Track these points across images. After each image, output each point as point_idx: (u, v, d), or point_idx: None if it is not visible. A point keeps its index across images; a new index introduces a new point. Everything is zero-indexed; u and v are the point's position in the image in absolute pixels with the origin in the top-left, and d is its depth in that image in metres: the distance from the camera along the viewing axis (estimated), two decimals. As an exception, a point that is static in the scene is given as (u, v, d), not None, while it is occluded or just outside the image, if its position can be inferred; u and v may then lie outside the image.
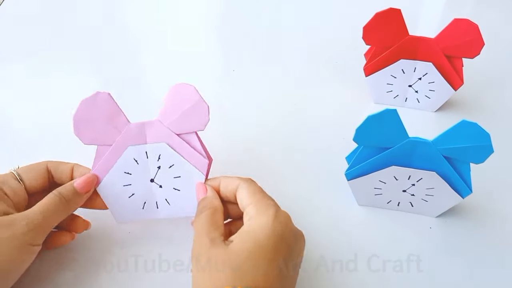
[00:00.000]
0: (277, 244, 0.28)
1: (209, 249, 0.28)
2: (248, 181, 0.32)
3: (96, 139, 0.33)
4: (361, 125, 0.33)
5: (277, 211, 0.29)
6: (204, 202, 0.32)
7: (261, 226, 0.28)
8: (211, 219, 0.30)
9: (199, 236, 0.30)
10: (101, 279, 0.34)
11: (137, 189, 0.35)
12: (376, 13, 0.43)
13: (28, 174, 0.33)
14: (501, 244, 0.37)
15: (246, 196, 0.31)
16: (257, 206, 0.30)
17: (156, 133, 0.34)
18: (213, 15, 0.70)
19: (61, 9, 0.68)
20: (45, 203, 0.31)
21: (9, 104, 0.51)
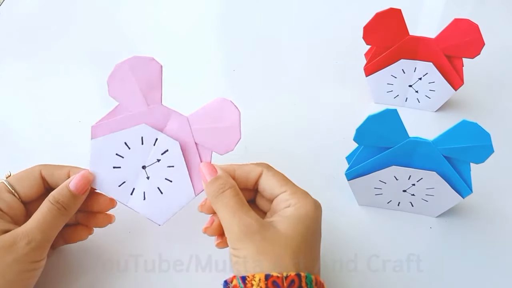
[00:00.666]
0: (318, 234, 0.30)
1: (260, 230, 0.27)
2: (271, 168, 0.32)
3: (122, 97, 0.32)
4: (361, 125, 0.33)
5: (315, 200, 0.30)
6: (220, 181, 0.30)
7: (308, 213, 0.29)
8: (239, 198, 0.30)
9: (237, 217, 0.28)
10: (101, 279, 0.34)
11: (125, 166, 0.33)
12: (377, 13, 0.43)
13: (21, 184, 0.32)
14: (501, 244, 0.37)
15: (277, 183, 0.31)
16: (297, 194, 0.30)
17: (178, 128, 0.32)
18: (213, 15, 0.70)
19: (61, 9, 0.68)
20: (43, 216, 0.30)
21: (9, 104, 0.51)
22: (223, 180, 0.30)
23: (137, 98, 0.32)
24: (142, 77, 0.32)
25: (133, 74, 0.31)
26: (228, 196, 0.29)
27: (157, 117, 0.32)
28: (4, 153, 0.45)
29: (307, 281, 0.26)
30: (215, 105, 0.32)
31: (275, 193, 0.31)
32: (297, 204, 0.29)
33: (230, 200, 0.29)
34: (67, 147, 0.45)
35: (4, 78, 0.55)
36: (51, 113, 0.50)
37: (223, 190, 0.30)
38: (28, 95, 0.52)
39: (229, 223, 0.28)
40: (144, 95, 0.32)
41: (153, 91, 0.32)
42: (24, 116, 0.50)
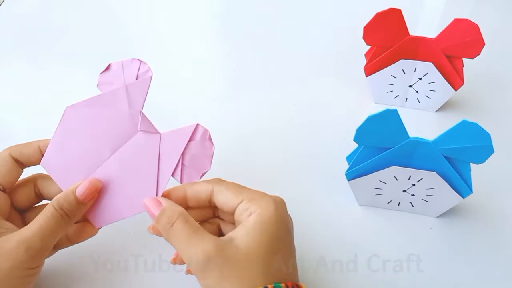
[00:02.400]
0: (286, 233, 0.28)
1: (218, 253, 0.26)
2: (221, 182, 0.31)
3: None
4: (361, 125, 0.33)
5: (274, 199, 0.29)
6: (167, 213, 0.29)
7: (270, 217, 0.27)
8: (190, 225, 0.28)
9: (192, 245, 0.27)
10: (101, 279, 0.34)
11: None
12: (377, 13, 0.43)
13: (3, 179, 0.31)
14: (502, 244, 0.37)
15: (231, 196, 0.29)
16: (254, 200, 0.28)
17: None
18: (213, 15, 0.70)
19: (61, 9, 0.68)
20: (45, 222, 0.29)
21: (9, 103, 0.51)
22: (169, 212, 0.29)
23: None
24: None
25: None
26: (178, 228, 0.28)
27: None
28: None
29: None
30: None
31: (232, 206, 0.29)
32: (257, 210, 0.28)
33: (181, 232, 0.28)
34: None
35: (3, 78, 0.55)
36: (50, 113, 0.50)
37: (171, 223, 0.28)
38: (28, 95, 0.52)
39: (187, 255, 0.27)
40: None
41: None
42: (23, 116, 0.50)
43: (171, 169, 0.32)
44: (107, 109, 0.32)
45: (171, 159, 0.32)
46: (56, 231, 0.29)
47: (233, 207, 0.29)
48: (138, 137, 0.32)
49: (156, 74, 0.56)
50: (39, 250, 0.28)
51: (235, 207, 0.29)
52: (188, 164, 0.32)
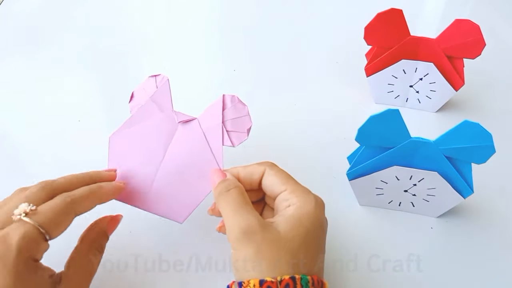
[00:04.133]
0: (320, 231, 0.29)
1: (260, 230, 0.27)
2: (273, 167, 0.32)
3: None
4: (363, 125, 0.33)
5: (315, 197, 0.30)
6: (226, 182, 0.31)
7: (308, 213, 0.28)
8: (243, 197, 0.30)
9: (240, 214, 0.28)
10: (101, 279, 0.34)
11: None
12: (378, 14, 0.43)
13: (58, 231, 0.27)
14: (502, 244, 0.37)
15: (277, 182, 0.31)
16: (296, 193, 0.30)
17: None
18: (214, 15, 0.70)
19: (61, 9, 0.68)
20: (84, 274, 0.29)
21: (8, 103, 0.51)
22: (230, 182, 0.31)
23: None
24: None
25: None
26: (232, 194, 0.30)
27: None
28: (3, 153, 0.45)
29: (302, 282, 0.26)
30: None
31: (276, 192, 0.31)
32: (297, 203, 0.29)
33: (234, 199, 0.29)
34: (67, 147, 0.45)
35: (3, 78, 0.55)
36: (50, 113, 0.50)
37: (228, 189, 0.30)
38: (28, 95, 0.52)
39: (231, 222, 0.28)
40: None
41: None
42: (23, 116, 0.50)
43: (219, 140, 0.34)
44: (144, 123, 0.35)
45: (216, 132, 0.34)
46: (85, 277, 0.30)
47: (276, 194, 0.31)
48: (180, 130, 0.35)
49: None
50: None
51: (277, 194, 0.30)
52: (232, 129, 0.34)
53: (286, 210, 0.29)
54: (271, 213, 0.33)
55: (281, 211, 0.29)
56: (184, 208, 0.34)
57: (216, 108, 0.34)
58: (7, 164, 0.44)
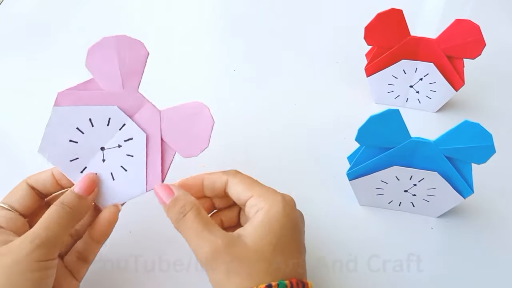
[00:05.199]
0: (294, 231, 0.29)
1: (226, 249, 0.26)
2: (237, 174, 0.31)
3: (99, 72, 0.31)
4: (363, 125, 0.33)
5: (283, 196, 0.29)
6: (179, 203, 0.29)
7: (277, 216, 0.28)
8: (202, 218, 0.28)
9: (202, 238, 0.27)
10: (101, 279, 0.34)
11: (83, 142, 0.32)
12: (378, 14, 0.43)
13: (13, 198, 0.31)
14: (502, 244, 0.37)
15: (243, 189, 0.30)
16: (263, 196, 0.29)
17: (148, 119, 0.31)
18: (214, 15, 0.70)
19: (61, 9, 0.68)
20: (47, 216, 0.29)
21: (8, 103, 0.51)
22: (182, 202, 0.29)
23: (114, 78, 0.31)
24: (126, 58, 0.30)
25: (117, 52, 0.30)
26: (190, 219, 0.28)
27: (130, 102, 0.31)
28: (3, 153, 0.45)
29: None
30: (191, 108, 0.31)
31: (243, 199, 0.30)
32: (265, 207, 0.28)
33: (192, 223, 0.28)
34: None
35: (3, 78, 0.55)
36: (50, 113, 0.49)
37: (183, 214, 0.29)
38: (28, 95, 0.52)
39: (195, 247, 0.28)
40: (122, 77, 0.31)
41: (132, 76, 0.31)
42: (23, 116, 0.49)
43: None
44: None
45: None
46: (60, 222, 0.29)
47: (243, 201, 0.30)
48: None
49: (156, 74, 0.56)
50: (45, 239, 0.28)
51: (245, 201, 0.30)
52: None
53: (255, 217, 0.28)
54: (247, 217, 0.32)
55: (251, 218, 0.29)
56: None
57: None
58: (7, 164, 0.44)
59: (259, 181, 0.31)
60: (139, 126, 0.31)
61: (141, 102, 0.31)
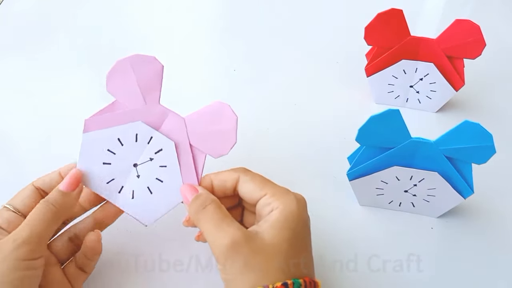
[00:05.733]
0: (305, 230, 0.29)
1: (246, 242, 0.27)
2: (247, 172, 0.31)
3: (120, 94, 0.32)
4: (363, 125, 0.33)
5: (296, 196, 0.29)
6: (201, 198, 0.30)
7: (292, 214, 0.28)
8: (221, 211, 0.29)
9: (221, 230, 0.28)
10: (101, 279, 0.34)
11: (116, 162, 0.32)
12: (378, 14, 0.43)
13: (17, 200, 0.31)
14: (502, 245, 0.37)
15: (255, 187, 0.30)
16: (277, 195, 0.29)
17: (174, 128, 0.32)
18: (214, 15, 0.70)
19: (61, 9, 0.68)
20: (31, 215, 0.29)
21: (8, 103, 0.51)
22: (204, 197, 0.30)
23: (135, 96, 0.32)
24: (143, 75, 0.32)
25: (133, 72, 0.31)
26: (210, 210, 0.29)
27: (154, 115, 0.32)
28: (3, 153, 0.45)
29: (295, 287, 0.26)
30: (213, 108, 0.32)
31: (255, 198, 0.30)
32: (279, 206, 0.28)
33: (212, 214, 0.29)
34: (67, 147, 0.45)
35: (3, 78, 0.55)
36: (50, 113, 0.50)
37: (203, 206, 0.29)
38: (28, 95, 0.52)
39: (214, 238, 0.28)
40: (142, 94, 0.32)
41: (152, 91, 0.32)
42: (23, 116, 0.49)
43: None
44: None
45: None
46: (43, 220, 0.29)
47: (255, 200, 0.30)
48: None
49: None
50: (28, 238, 0.28)
51: (257, 200, 0.30)
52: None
53: (270, 215, 0.29)
54: (252, 217, 0.32)
55: (265, 216, 0.29)
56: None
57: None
58: (7, 164, 0.44)
59: (270, 180, 0.31)
60: (167, 136, 0.32)
61: (164, 113, 0.32)
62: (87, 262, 0.32)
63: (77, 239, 0.33)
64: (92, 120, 0.32)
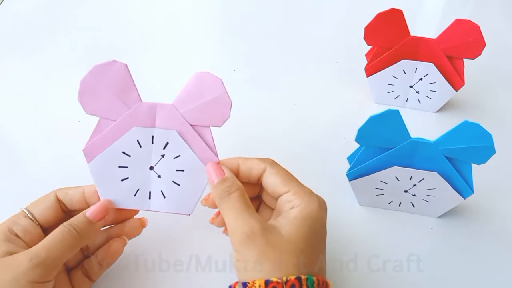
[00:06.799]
0: (323, 232, 0.30)
1: (263, 234, 0.27)
2: (275, 165, 0.31)
3: (101, 110, 0.31)
4: (363, 125, 0.33)
5: (318, 198, 0.30)
6: (227, 183, 0.30)
7: (312, 215, 0.28)
8: (244, 200, 0.29)
9: (242, 219, 0.28)
10: (101, 279, 0.34)
11: (132, 174, 0.32)
12: (378, 14, 0.43)
13: (37, 208, 0.31)
14: (502, 244, 0.37)
15: (279, 182, 0.30)
16: (300, 194, 0.29)
17: (168, 118, 0.31)
18: (214, 15, 0.70)
19: (61, 8, 0.68)
20: (52, 236, 0.29)
21: (8, 103, 0.51)
22: (230, 182, 0.30)
23: (115, 105, 0.31)
24: (111, 82, 0.30)
25: (100, 84, 0.30)
26: (234, 198, 0.29)
27: (143, 115, 0.31)
28: (3, 153, 0.45)
29: (308, 283, 0.26)
30: (195, 82, 0.31)
31: (278, 193, 0.30)
32: (301, 205, 0.29)
33: (236, 202, 0.29)
34: (67, 147, 0.45)
35: (3, 78, 0.55)
36: (50, 113, 0.50)
37: (229, 192, 0.29)
38: (28, 95, 0.52)
39: (233, 225, 0.28)
40: (121, 100, 0.31)
41: (128, 92, 0.31)
42: (23, 116, 0.49)
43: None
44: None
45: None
46: (63, 244, 0.29)
47: (278, 194, 0.30)
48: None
49: (156, 75, 0.56)
50: (43, 260, 0.27)
51: (279, 195, 0.30)
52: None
53: (289, 212, 0.29)
54: (268, 211, 0.32)
55: (284, 212, 0.29)
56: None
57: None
58: (7, 164, 0.44)
59: (295, 176, 0.31)
60: (166, 128, 0.32)
61: (152, 108, 0.31)
62: (97, 269, 0.32)
63: (86, 249, 0.33)
64: (90, 147, 0.31)
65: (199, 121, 0.32)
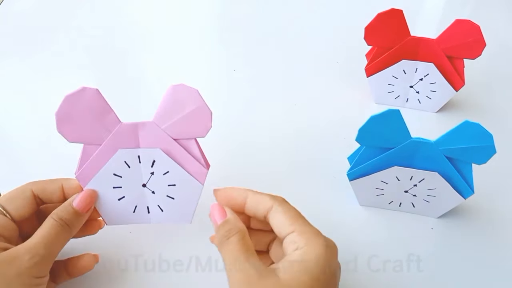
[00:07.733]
0: (330, 279, 0.27)
1: (259, 280, 0.26)
2: (283, 203, 0.30)
3: (83, 137, 0.31)
4: (363, 125, 0.33)
5: (326, 241, 0.28)
6: (227, 226, 0.29)
7: (316, 258, 0.26)
8: (244, 244, 0.28)
9: (238, 264, 0.27)
10: (101, 279, 0.34)
11: (127, 192, 0.33)
12: (378, 14, 0.43)
13: (12, 204, 0.31)
14: (502, 245, 0.37)
15: (285, 221, 0.28)
16: (305, 235, 0.28)
17: (150, 136, 0.31)
18: (214, 15, 0.70)
19: (62, 9, 0.68)
20: (47, 232, 0.29)
21: (8, 103, 0.51)
22: (231, 225, 0.29)
23: (96, 130, 0.31)
24: (86, 109, 0.30)
25: (76, 112, 0.30)
26: (233, 242, 0.28)
27: (126, 136, 0.31)
28: (3, 153, 0.45)
29: None
30: (170, 96, 0.31)
31: (283, 233, 0.29)
32: (304, 247, 0.27)
33: (234, 246, 0.28)
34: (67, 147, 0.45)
35: (3, 78, 0.55)
36: (50, 113, 0.49)
37: (228, 236, 0.28)
38: (27, 95, 0.52)
39: (230, 271, 0.27)
40: (100, 124, 0.31)
41: (105, 115, 0.31)
42: (23, 116, 0.49)
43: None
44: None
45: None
46: (57, 239, 0.30)
47: (283, 235, 0.29)
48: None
49: (156, 74, 0.56)
50: (43, 257, 0.28)
51: (284, 235, 0.28)
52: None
53: (292, 254, 0.27)
54: (280, 248, 0.30)
55: (288, 254, 0.28)
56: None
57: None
58: (7, 164, 0.44)
59: (303, 215, 0.29)
60: (150, 147, 0.32)
61: (133, 128, 0.31)
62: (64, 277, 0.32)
63: None
64: (82, 173, 0.32)
65: (182, 134, 0.32)
